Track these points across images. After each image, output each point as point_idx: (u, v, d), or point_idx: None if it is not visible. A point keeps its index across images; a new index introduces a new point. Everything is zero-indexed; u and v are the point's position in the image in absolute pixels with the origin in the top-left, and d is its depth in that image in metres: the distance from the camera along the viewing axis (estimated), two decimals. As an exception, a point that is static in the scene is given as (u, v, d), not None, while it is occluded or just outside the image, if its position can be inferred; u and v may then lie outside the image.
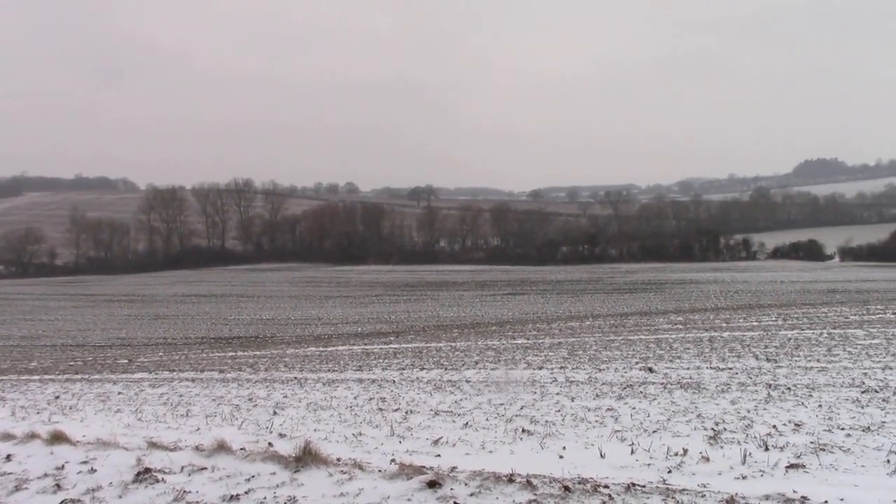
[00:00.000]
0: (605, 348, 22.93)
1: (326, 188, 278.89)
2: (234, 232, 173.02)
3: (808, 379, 13.52)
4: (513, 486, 6.61)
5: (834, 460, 7.51)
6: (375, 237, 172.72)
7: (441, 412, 12.04)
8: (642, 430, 9.51)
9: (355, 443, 9.77)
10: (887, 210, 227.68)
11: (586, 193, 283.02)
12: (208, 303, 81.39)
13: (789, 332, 24.57)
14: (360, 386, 16.82)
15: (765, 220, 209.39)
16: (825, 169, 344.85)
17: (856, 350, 18.04)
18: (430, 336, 38.32)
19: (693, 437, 8.92)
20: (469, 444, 9.31)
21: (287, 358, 28.44)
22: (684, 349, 20.97)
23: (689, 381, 14.07)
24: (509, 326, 43.80)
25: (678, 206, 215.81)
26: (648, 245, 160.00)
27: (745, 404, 11.13)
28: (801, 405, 10.79)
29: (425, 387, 15.89)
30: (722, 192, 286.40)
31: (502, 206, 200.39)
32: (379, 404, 13.46)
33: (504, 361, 20.62)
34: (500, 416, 11.23)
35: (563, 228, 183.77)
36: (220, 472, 7.54)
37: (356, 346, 33.56)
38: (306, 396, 15.29)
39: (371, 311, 67.94)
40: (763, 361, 16.74)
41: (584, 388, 14.10)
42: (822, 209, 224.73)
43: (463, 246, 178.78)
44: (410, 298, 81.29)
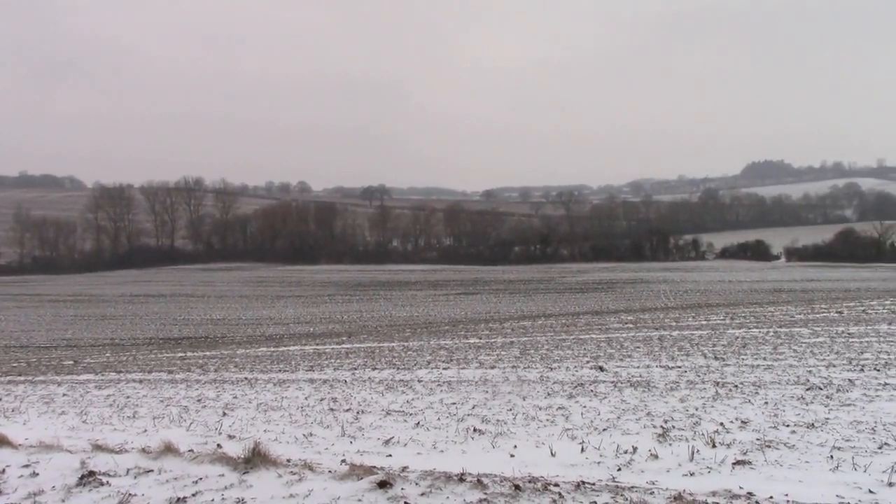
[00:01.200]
0: (557, 347, 23.05)
1: (278, 187, 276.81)
2: (184, 231, 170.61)
3: (754, 377, 13.73)
4: (463, 485, 6.60)
5: (779, 457, 7.63)
6: (328, 237, 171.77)
7: (393, 412, 11.99)
8: (593, 429, 9.57)
9: (306, 443, 9.68)
10: (831, 211, 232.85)
11: (538, 193, 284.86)
12: (157, 303, 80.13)
13: (737, 331, 24.94)
14: (311, 386, 16.69)
15: (713, 220, 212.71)
16: (772, 171, 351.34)
17: (801, 348, 18.37)
18: (382, 336, 38.20)
19: (642, 435, 9.00)
20: (420, 443, 9.28)
21: (237, 358, 28.12)
22: (634, 348, 21.17)
23: (639, 380, 14.21)
24: (462, 326, 43.86)
25: (629, 207, 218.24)
26: (600, 245, 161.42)
27: (693, 402, 11.27)
28: (748, 403, 10.96)
29: (377, 387, 15.82)
30: (672, 193, 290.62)
31: (455, 205, 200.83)
32: (330, 405, 13.36)
33: (456, 361, 20.62)
34: (452, 416, 11.22)
35: (516, 228, 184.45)
36: (166, 475, 7.41)
37: (308, 346, 33.31)
38: (257, 397, 15.12)
39: (323, 310, 67.53)
40: (711, 360, 16.97)
41: (536, 387, 14.15)
42: (769, 210, 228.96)
43: (416, 246, 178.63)
44: (363, 298, 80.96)
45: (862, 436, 8.41)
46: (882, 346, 17.72)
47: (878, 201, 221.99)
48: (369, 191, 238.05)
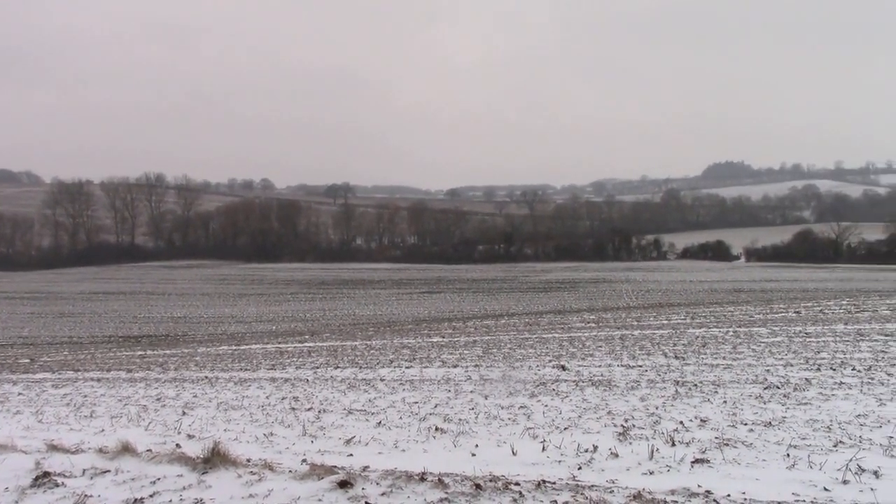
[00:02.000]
0: (520, 346, 23.13)
1: (241, 184, 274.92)
2: (145, 228, 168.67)
3: (714, 376, 13.88)
4: (424, 484, 6.59)
5: (737, 455, 7.72)
6: (291, 235, 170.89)
7: (354, 411, 11.95)
8: (554, 428, 9.61)
9: (266, 443, 9.61)
10: (790, 212, 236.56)
11: (503, 193, 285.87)
12: (117, 300, 79.12)
13: (697, 331, 25.21)
14: (272, 385, 16.58)
15: (675, 220, 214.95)
16: (732, 172, 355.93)
17: (759, 347, 18.61)
18: (345, 334, 38.08)
19: (603, 434, 9.05)
20: (382, 443, 9.25)
21: (198, 357, 27.86)
22: (596, 347, 21.30)
23: (600, 379, 14.30)
24: (425, 325, 43.86)
25: (592, 207, 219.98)
26: (563, 244, 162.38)
27: (653, 401, 11.36)
28: (707, 401, 11.07)
29: (339, 385, 15.76)
30: (634, 194, 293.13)
31: (419, 204, 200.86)
32: (292, 404, 13.28)
33: (419, 360, 20.61)
34: (414, 415, 11.20)
35: (480, 227, 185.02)
36: (124, 475, 7.31)
37: (270, 344, 33.09)
38: (217, 396, 14.99)
39: (286, 309, 67.16)
40: (672, 359, 17.12)
41: (498, 385, 14.18)
42: (730, 211, 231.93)
43: (380, 244, 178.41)
44: (326, 297, 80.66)
45: (818, 434, 8.53)
46: (838, 346, 18.00)
47: (835, 203, 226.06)
48: (333, 188, 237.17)
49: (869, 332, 21.21)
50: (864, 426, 8.88)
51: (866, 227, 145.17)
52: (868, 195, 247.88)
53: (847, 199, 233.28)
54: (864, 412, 9.68)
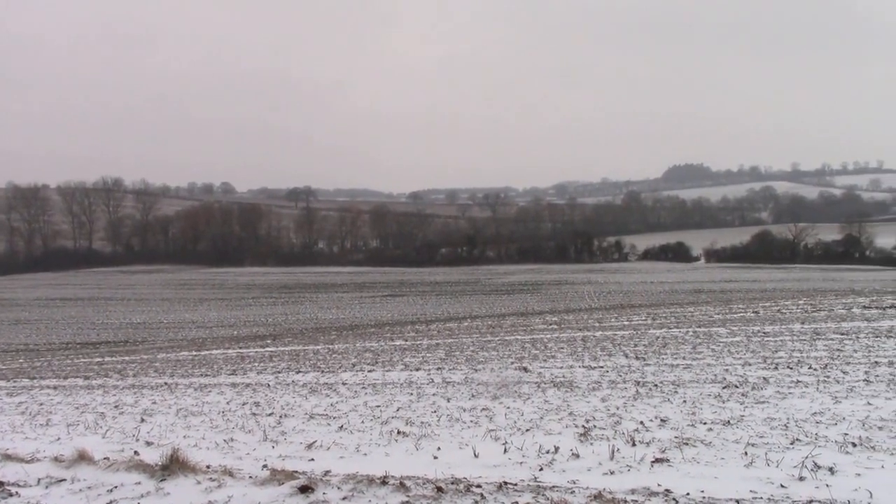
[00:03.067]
0: (482, 349, 23.15)
1: (201, 188, 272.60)
2: (103, 233, 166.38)
3: (674, 376, 14.01)
4: (386, 488, 6.57)
5: (696, 454, 7.79)
6: (252, 239, 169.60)
7: (316, 415, 11.87)
8: (516, 429, 9.63)
9: (226, 449, 9.51)
10: (749, 214, 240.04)
11: (465, 195, 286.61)
12: (74, 306, 77.91)
13: (658, 331, 25.42)
14: (233, 390, 16.42)
15: (636, 222, 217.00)
16: (692, 174, 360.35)
17: (718, 347, 18.82)
18: (307, 339, 37.86)
19: (565, 435, 9.09)
20: (344, 447, 9.21)
21: (158, 363, 27.52)
22: (558, 349, 21.40)
23: (562, 380, 14.36)
24: (388, 328, 43.76)
25: (554, 209, 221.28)
26: (525, 247, 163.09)
27: (614, 401, 11.44)
28: (667, 401, 11.17)
29: (301, 390, 15.66)
30: (596, 196, 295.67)
31: (382, 207, 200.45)
32: (252, 409, 13.16)
33: (382, 363, 20.56)
34: (376, 419, 11.16)
35: (443, 230, 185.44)
36: (80, 484, 7.20)
37: (231, 349, 32.78)
38: (177, 402, 14.81)
39: (247, 313, 66.62)
40: (632, 360, 17.25)
41: (461, 388, 14.18)
42: (690, 212, 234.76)
43: (342, 247, 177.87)
44: (288, 301, 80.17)
45: (775, 432, 8.65)
46: (795, 345, 18.26)
47: (792, 204, 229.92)
48: (295, 192, 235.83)
49: (825, 332, 21.55)
50: (820, 424, 9.01)
51: (822, 228, 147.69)
52: (824, 196, 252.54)
53: (804, 201, 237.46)
54: (820, 410, 9.84)
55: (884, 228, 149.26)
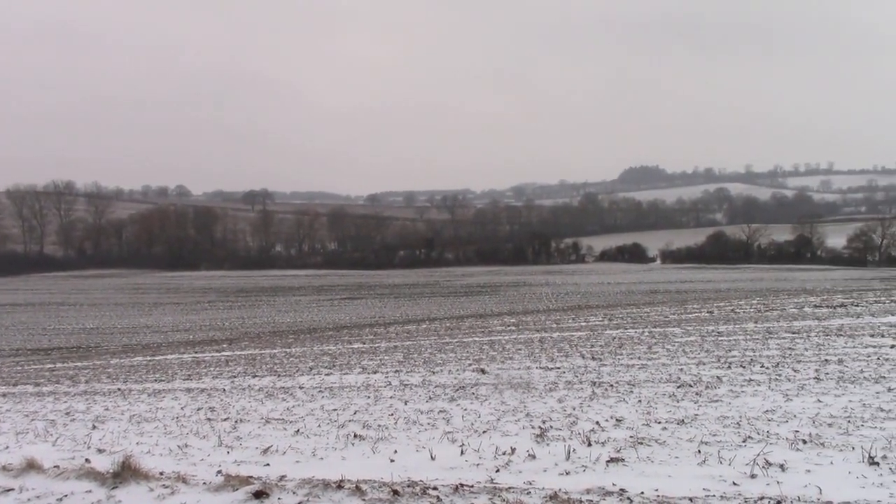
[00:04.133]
0: (440, 351, 23.16)
1: (156, 191, 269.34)
2: (54, 237, 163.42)
3: (629, 376, 14.13)
4: (342, 492, 6.55)
5: (651, 453, 7.87)
6: (208, 242, 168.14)
7: (272, 420, 11.77)
8: (473, 431, 9.63)
9: (180, 455, 9.38)
10: (703, 215, 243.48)
11: (423, 198, 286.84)
12: (24, 312, 76.26)
13: (614, 332, 25.64)
14: (188, 396, 16.22)
15: (593, 224, 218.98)
16: (647, 176, 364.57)
17: (673, 347, 19.04)
18: (264, 343, 37.53)
19: (521, 436, 9.11)
20: (300, 451, 9.13)
21: (111, 369, 27.09)
22: (516, 350, 21.48)
23: (519, 381, 14.41)
24: (346, 331, 43.56)
25: (512, 211, 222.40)
26: (484, 249, 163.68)
27: (571, 402, 11.50)
28: (623, 401, 11.26)
29: (257, 394, 15.52)
30: (553, 198, 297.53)
31: (339, 210, 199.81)
32: (208, 414, 13.01)
33: (339, 366, 20.46)
34: (333, 422, 11.09)
35: (401, 233, 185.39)
36: (28, 493, 7.06)
37: (186, 354, 32.37)
38: (130, 408, 14.58)
39: (203, 318, 65.87)
40: (589, 360, 17.37)
41: (418, 390, 14.17)
42: (646, 214, 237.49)
43: (300, 250, 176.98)
44: (245, 304, 79.42)
45: (728, 430, 8.76)
46: (748, 344, 18.54)
47: (745, 205, 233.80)
48: (251, 195, 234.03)
49: (777, 331, 21.92)
50: (772, 421, 9.16)
51: (775, 229, 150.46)
52: (776, 198, 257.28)
53: (757, 202, 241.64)
54: (772, 408, 10.00)
55: (834, 229, 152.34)
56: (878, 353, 15.17)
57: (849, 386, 11.41)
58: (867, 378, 12.02)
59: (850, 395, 10.65)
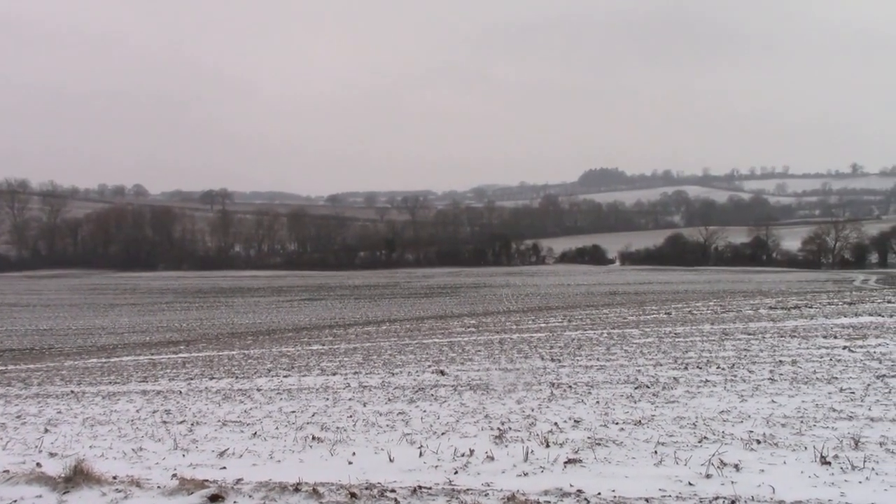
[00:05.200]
0: (400, 352, 23.12)
1: (112, 190, 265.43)
2: (7, 236, 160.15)
3: (588, 377, 14.22)
4: (299, 495, 6.49)
5: (608, 454, 7.91)
6: (166, 242, 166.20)
7: (229, 422, 11.65)
8: (432, 433, 9.62)
9: (135, 458, 9.23)
10: (662, 217, 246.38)
11: (384, 199, 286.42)
12: (-24, 313, 74.77)
13: (573, 333, 25.80)
14: (143, 398, 15.99)
15: (553, 225, 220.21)
16: (607, 178, 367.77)
17: (631, 348, 19.19)
18: (222, 344, 37.18)
19: (480, 438, 9.12)
20: (257, 454, 9.04)
21: (64, 371, 26.62)
22: (476, 351, 21.51)
23: (478, 383, 14.42)
24: (306, 332, 43.33)
25: (473, 213, 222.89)
26: (444, 250, 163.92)
27: (529, 403, 11.53)
28: (581, 402, 11.32)
29: (214, 397, 15.36)
30: (514, 199, 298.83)
31: (300, 210, 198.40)
32: (163, 417, 12.84)
33: (298, 368, 20.33)
34: (291, 425, 11.01)
35: (361, 233, 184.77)
36: (-24, 499, 6.89)
37: (142, 356, 31.96)
38: (83, 411, 14.33)
39: (160, 319, 65.08)
40: (548, 361, 17.45)
41: (377, 392, 14.12)
42: (605, 216, 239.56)
43: (259, 251, 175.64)
44: (203, 306, 78.62)
45: (684, 431, 8.85)
46: (705, 345, 18.76)
47: (703, 208, 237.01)
48: (210, 194, 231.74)
49: (733, 332, 22.21)
50: (727, 422, 9.27)
51: (732, 231, 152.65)
52: (733, 200, 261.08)
53: (714, 205, 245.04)
54: (727, 408, 10.12)
55: (789, 231, 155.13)
56: (831, 354, 15.43)
57: (802, 386, 11.58)
58: (820, 379, 12.21)
59: (804, 395, 10.82)
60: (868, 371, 12.72)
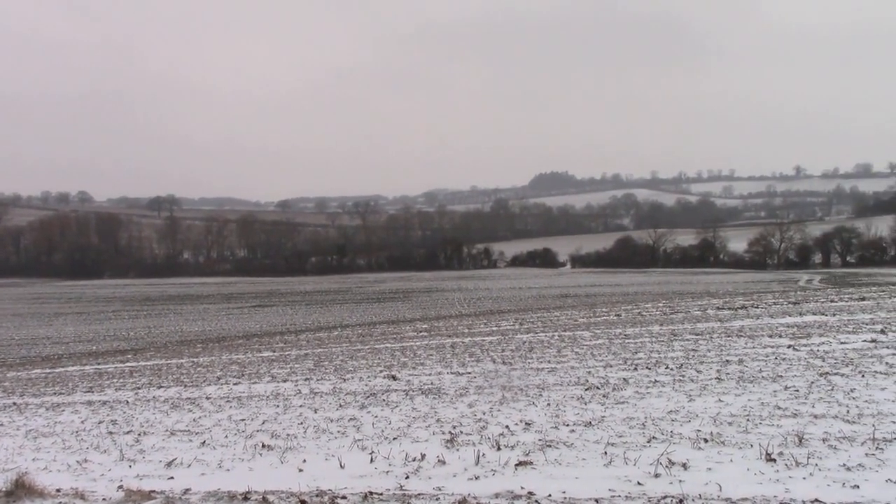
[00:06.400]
0: (352, 358, 22.99)
1: (56, 197, 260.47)
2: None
3: (539, 380, 14.27)
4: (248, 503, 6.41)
5: (559, 455, 7.96)
6: (112, 250, 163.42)
7: (178, 432, 11.48)
8: (383, 438, 9.58)
9: (80, 471, 9.05)
10: (611, 220, 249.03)
11: (335, 204, 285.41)
12: (-87, 325, 72.66)
13: (525, 336, 25.90)
14: (89, 409, 15.67)
15: (505, 229, 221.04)
16: (558, 182, 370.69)
17: (582, 350, 19.32)
18: (171, 352, 36.61)
19: (431, 442, 9.11)
20: (206, 463, 8.93)
21: (7, 382, 25.97)
22: (427, 356, 21.47)
23: (430, 387, 14.40)
24: (256, 339, 42.87)
25: (424, 217, 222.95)
26: (396, 255, 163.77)
27: (481, 407, 11.54)
28: (532, 405, 11.35)
29: (162, 406, 15.10)
30: (465, 204, 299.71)
31: (249, 216, 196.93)
32: (109, 427, 12.60)
33: (248, 375, 20.10)
34: (241, 433, 10.88)
35: (312, 239, 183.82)
36: (-88, 516, 6.69)
37: (88, 365, 31.32)
38: (26, 423, 14.00)
39: (107, 327, 63.87)
40: (500, 365, 17.48)
41: (328, 398, 14.02)
42: (556, 219, 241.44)
43: (208, 258, 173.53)
44: (151, 313, 77.35)
45: (633, 431, 8.93)
46: (654, 346, 18.96)
47: (651, 211, 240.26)
48: (157, 201, 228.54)
49: (682, 332, 22.50)
50: (675, 421, 9.38)
51: (680, 233, 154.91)
52: (681, 203, 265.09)
53: (662, 207, 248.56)
54: (676, 408, 10.24)
55: (736, 233, 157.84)
56: (776, 353, 15.70)
57: (748, 385, 11.76)
58: (765, 377, 12.42)
59: (750, 394, 10.98)
60: (812, 369, 12.97)
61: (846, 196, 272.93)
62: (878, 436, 7.92)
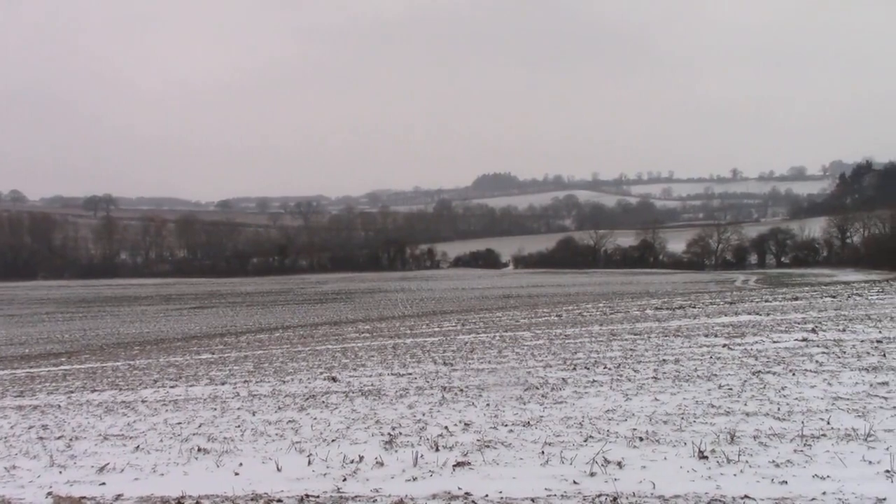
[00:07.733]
0: (292, 360, 22.82)
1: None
2: None
3: (479, 380, 14.31)
4: (181, 509, 6.31)
5: (497, 456, 7.99)
6: (46, 250, 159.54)
7: (111, 436, 11.24)
8: (321, 440, 9.52)
9: (7, 478, 8.81)
10: (554, 221, 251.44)
11: (277, 204, 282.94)
12: None
13: (466, 337, 25.98)
14: (19, 414, 15.26)
15: (448, 230, 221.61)
16: (501, 183, 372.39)
17: (523, 351, 19.44)
18: (107, 355, 35.87)
19: (370, 444, 9.08)
20: (139, 468, 8.77)
21: (-66, 387, 25.19)
22: (369, 357, 21.41)
23: (370, 389, 14.35)
24: (195, 341, 42.26)
25: (367, 218, 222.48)
26: (339, 255, 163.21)
27: (421, 408, 11.54)
28: (472, 405, 11.38)
29: (96, 410, 14.78)
30: (408, 204, 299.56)
31: (189, 216, 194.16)
32: (39, 433, 12.28)
33: (185, 378, 19.79)
34: (176, 436, 10.71)
35: (253, 239, 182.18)
36: None
37: (20, 369, 30.52)
38: (-48, 430, 13.58)
39: (40, 330, 62.32)
40: (441, 365, 17.50)
41: (267, 401, 13.88)
42: (499, 220, 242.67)
43: (146, 258, 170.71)
44: (87, 315, 75.70)
45: (571, 430, 9.01)
46: (593, 346, 19.17)
47: (593, 212, 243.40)
48: (93, 200, 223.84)
49: (621, 332, 22.79)
50: (612, 420, 9.49)
51: (620, 234, 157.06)
52: (622, 204, 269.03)
53: (603, 208, 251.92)
54: (613, 407, 10.35)
55: (674, 234, 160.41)
56: (712, 352, 15.99)
57: (684, 384, 11.96)
58: (700, 376, 12.64)
59: (685, 392, 11.16)
60: (745, 368, 13.23)
61: (781, 198, 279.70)
62: (806, 432, 8.12)
